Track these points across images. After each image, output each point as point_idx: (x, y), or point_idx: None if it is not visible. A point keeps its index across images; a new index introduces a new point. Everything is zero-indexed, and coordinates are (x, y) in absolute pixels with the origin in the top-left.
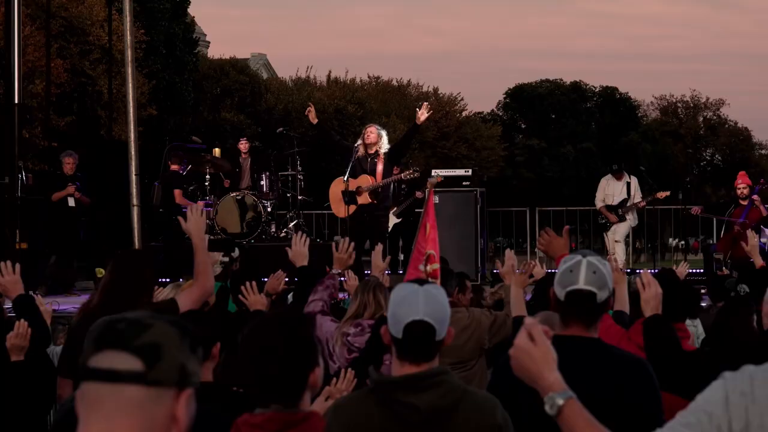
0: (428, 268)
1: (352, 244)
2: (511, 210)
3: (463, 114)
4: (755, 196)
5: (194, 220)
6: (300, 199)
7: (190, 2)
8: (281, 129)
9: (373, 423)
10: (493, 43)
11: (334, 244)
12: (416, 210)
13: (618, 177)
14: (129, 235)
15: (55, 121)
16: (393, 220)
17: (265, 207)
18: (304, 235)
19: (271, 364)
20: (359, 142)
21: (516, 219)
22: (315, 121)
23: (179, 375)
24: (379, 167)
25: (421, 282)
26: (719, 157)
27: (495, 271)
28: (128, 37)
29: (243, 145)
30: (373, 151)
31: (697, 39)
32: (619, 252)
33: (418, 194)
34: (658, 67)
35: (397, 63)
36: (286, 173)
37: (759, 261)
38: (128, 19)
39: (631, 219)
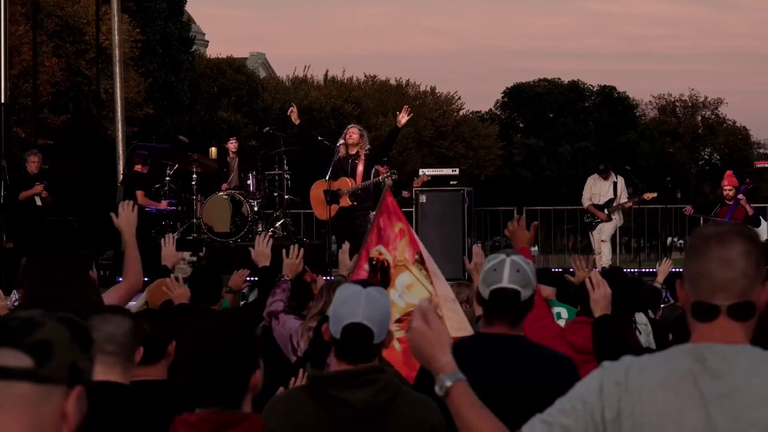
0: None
1: (302, 250)
2: (498, 209)
3: (461, 113)
4: (741, 196)
5: (125, 217)
6: (287, 198)
7: (186, 1)
8: (268, 128)
9: (308, 418)
10: (491, 42)
11: (284, 250)
12: (403, 209)
13: (605, 176)
14: (116, 234)
15: (50, 120)
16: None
17: (251, 206)
18: (268, 235)
19: (213, 365)
20: (341, 141)
21: (503, 218)
22: (297, 121)
23: (69, 372)
24: (360, 168)
25: (365, 284)
26: (717, 156)
27: None
28: (116, 36)
29: (232, 145)
30: (354, 152)
31: (695, 38)
32: (605, 252)
33: (405, 194)
34: (657, 66)
35: (395, 62)
36: (273, 173)
37: None
38: (116, 18)
39: (617, 219)
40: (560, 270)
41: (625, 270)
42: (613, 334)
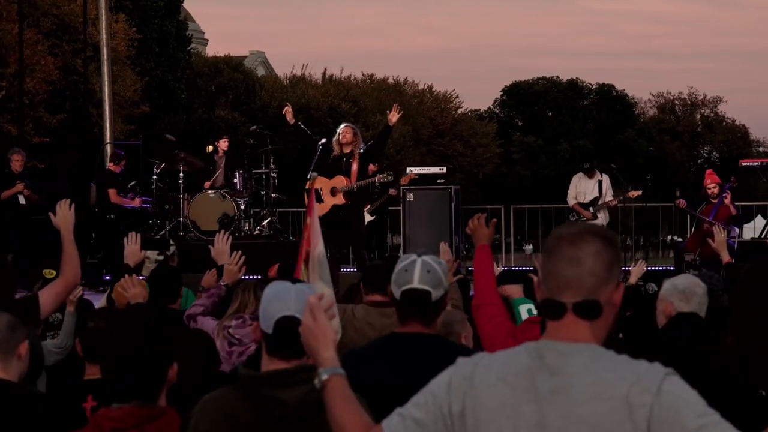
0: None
1: (243, 257)
2: (485, 208)
3: (459, 111)
4: (726, 194)
5: (62, 215)
6: (274, 197)
7: (182, 0)
8: (255, 127)
9: (239, 417)
10: (489, 40)
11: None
12: (389, 207)
13: (589, 175)
14: (106, 235)
15: (46, 119)
16: (367, 218)
17: (238, 205)
18: (227, 233)
19: (134, 361)
20: (323, 140)
21: (491, 217)
22: (292, 121)
23: None
24: (354, 167)
25: (294, 281)
26: (717, 155)
27: (470, 268)
28: (104, 35)
29: (224, 143)
30: (348, 151)
31: (694, 36)
32: None
33: (392, 192)
34: (656, 64)
35: (393, 61)
36: (259, 171)
37: (726, 257)
38: (103, 17)
39: (603, 217)
40: (521, 268)
41: None
42: None
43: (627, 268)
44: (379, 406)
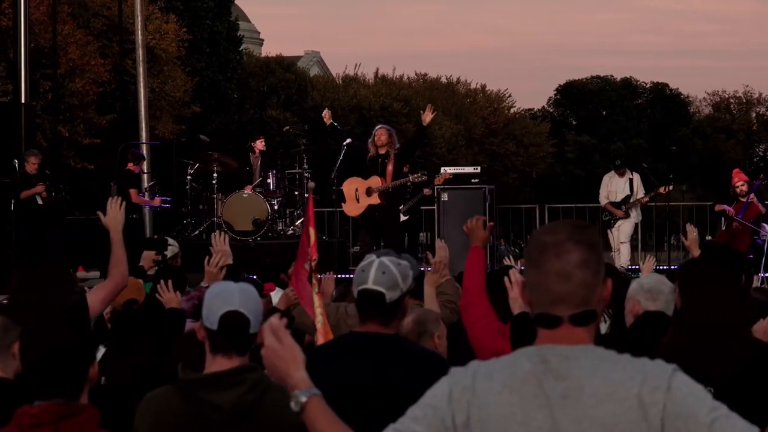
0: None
1: (223, 259)
2: (521, 207)
3: (512, 111)
4: (752, 196)
5: (112, 215)
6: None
7: (233, 1)
8: (287, 128)
9: (178, 418)
10: (542, 39)
11: (207, 258)
12: (422, 207)
13: (620, 173)
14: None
15: (96, 120)
16: (400, 218)
17: (271, 205)
18: (224, 233)
19: (55, 359)
20: (348, 140)
21: (526, 217)
22: (328, 122)
23: None
24: (389, 168)
25: (236, 280)
26: None
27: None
28: (139, 37)
29: (260, 143)
30: (383, 152)
31: (749, 34)
32: (623, 252)
33: (427, 191)
34: (710, 62)
35: (446, 60)
36: (293, 171)
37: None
38: (139, 18)
39: (635, 215)
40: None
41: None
42: (529, 333)
43: (637, 267)
44: (335, 404)
